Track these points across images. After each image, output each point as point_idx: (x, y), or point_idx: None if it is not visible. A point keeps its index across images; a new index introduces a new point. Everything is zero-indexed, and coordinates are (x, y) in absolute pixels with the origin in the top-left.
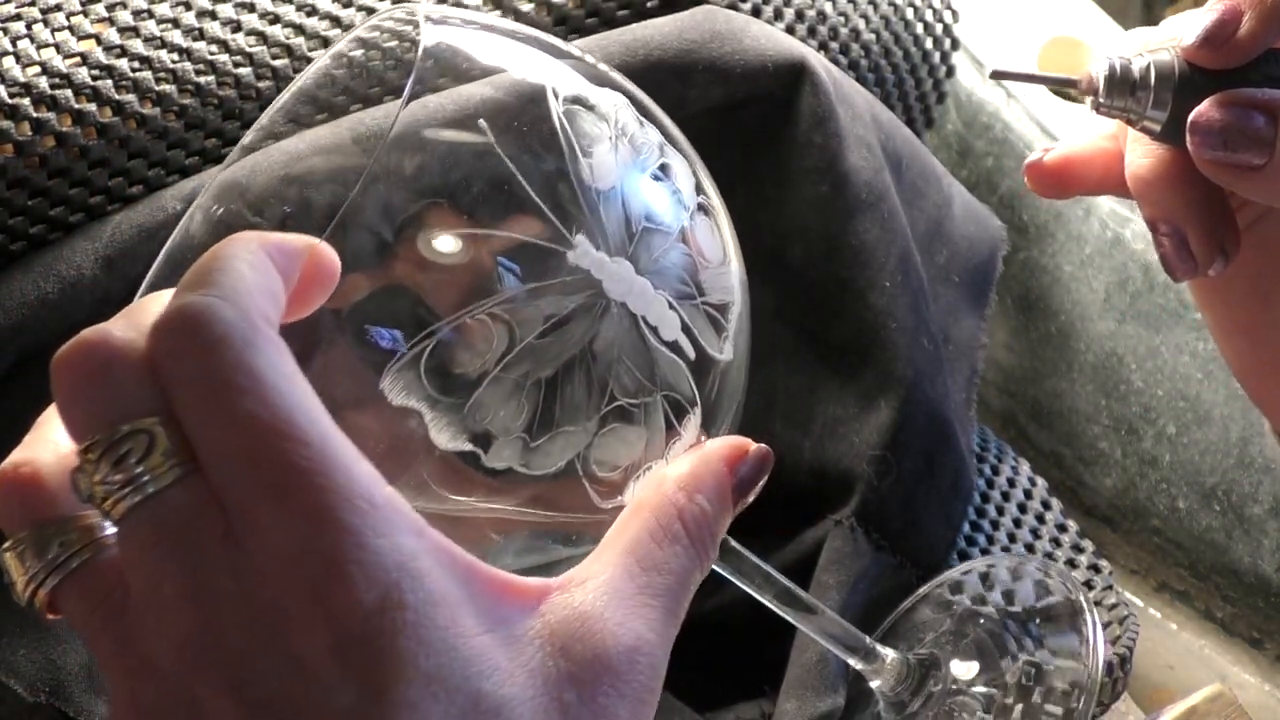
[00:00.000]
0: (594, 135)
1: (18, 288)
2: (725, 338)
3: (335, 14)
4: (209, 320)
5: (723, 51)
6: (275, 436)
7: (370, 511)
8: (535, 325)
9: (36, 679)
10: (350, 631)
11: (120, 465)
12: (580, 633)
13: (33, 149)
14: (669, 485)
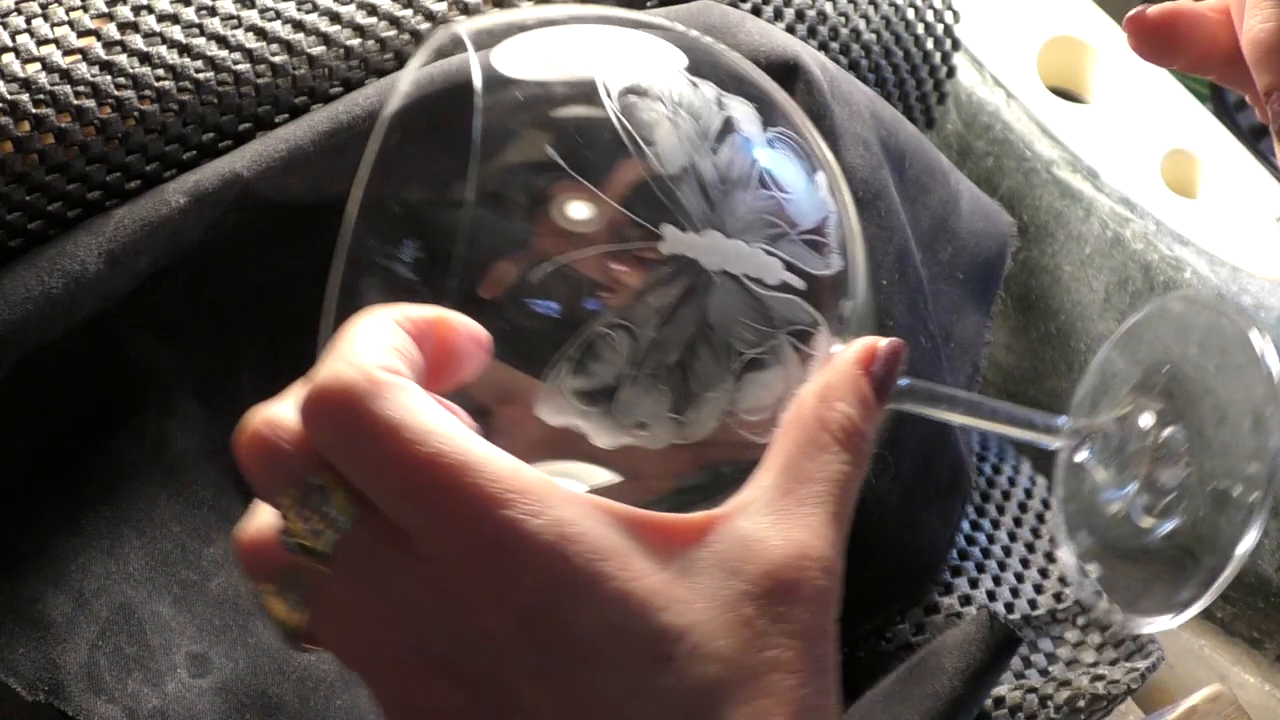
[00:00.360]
0: (652, 121)
1: (21, 282)
2: (828, 251)
3: (334, 10)
4: (335, 387)
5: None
6: (417, 463)
7: (519, 498)
8: (650, 321)
9: (35, 678)
10: (528, 604)
11: (310, 517)
12: (746, 554)
13: (32, 145)
14: (808, 401)
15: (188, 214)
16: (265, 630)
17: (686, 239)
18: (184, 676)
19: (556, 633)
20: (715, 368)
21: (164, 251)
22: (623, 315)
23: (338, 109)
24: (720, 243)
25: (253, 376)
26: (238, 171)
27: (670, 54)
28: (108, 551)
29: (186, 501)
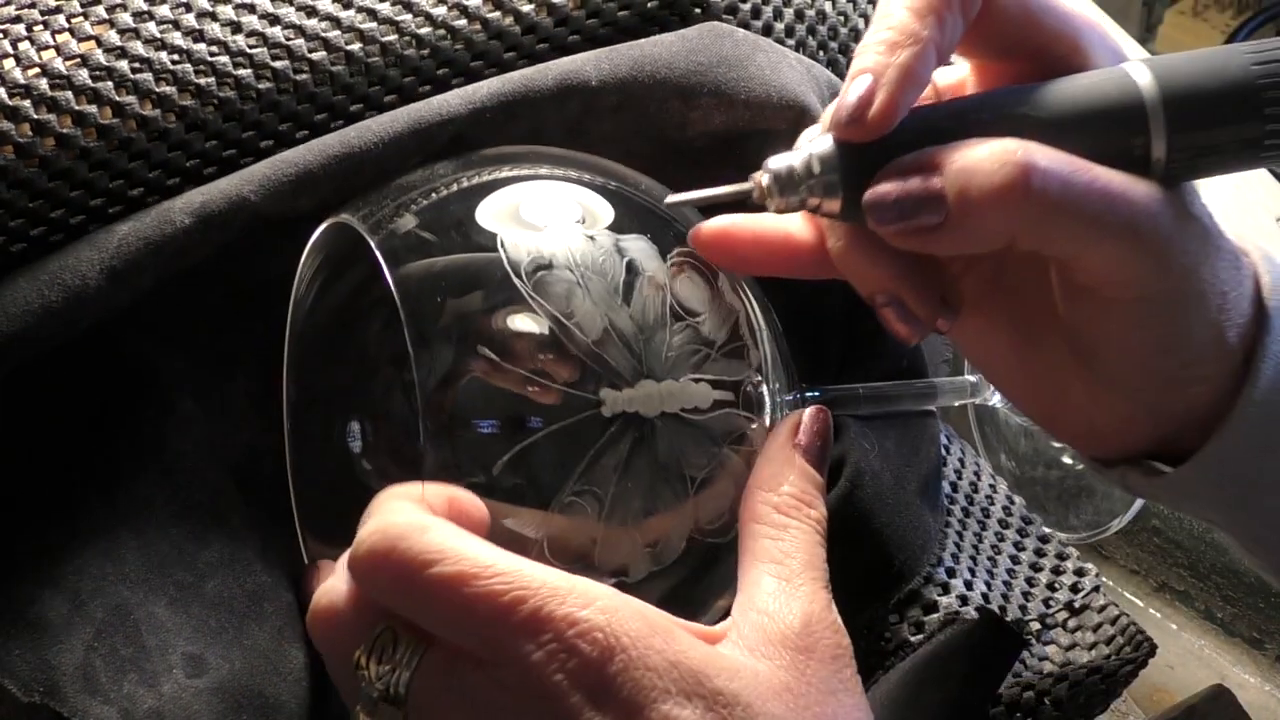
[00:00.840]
0: (565, 292)
1: (22, 295)
2: (746, 350)
3: (335, 15)
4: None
5: (729, 77)
6: (473, 583)
7: (570, 595)
8: (609, 479)
9: (31, 678)
10: (593, 684)
11: (383, 660)
12: (765, 636)
13: (33, 151)
14: (757, 496)
15: (193, 235)
16: (261, 631)
17: (624, 397)
18: (180, 677)
19: (623, 702)
20: (674, 499)
21: (166, 270)
22: (584, 482)
23: (349, 134)
24: (654, 389)
25: (249, 379)
26: (245, 195)
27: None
28: (104, 553)
29: (183, 503)
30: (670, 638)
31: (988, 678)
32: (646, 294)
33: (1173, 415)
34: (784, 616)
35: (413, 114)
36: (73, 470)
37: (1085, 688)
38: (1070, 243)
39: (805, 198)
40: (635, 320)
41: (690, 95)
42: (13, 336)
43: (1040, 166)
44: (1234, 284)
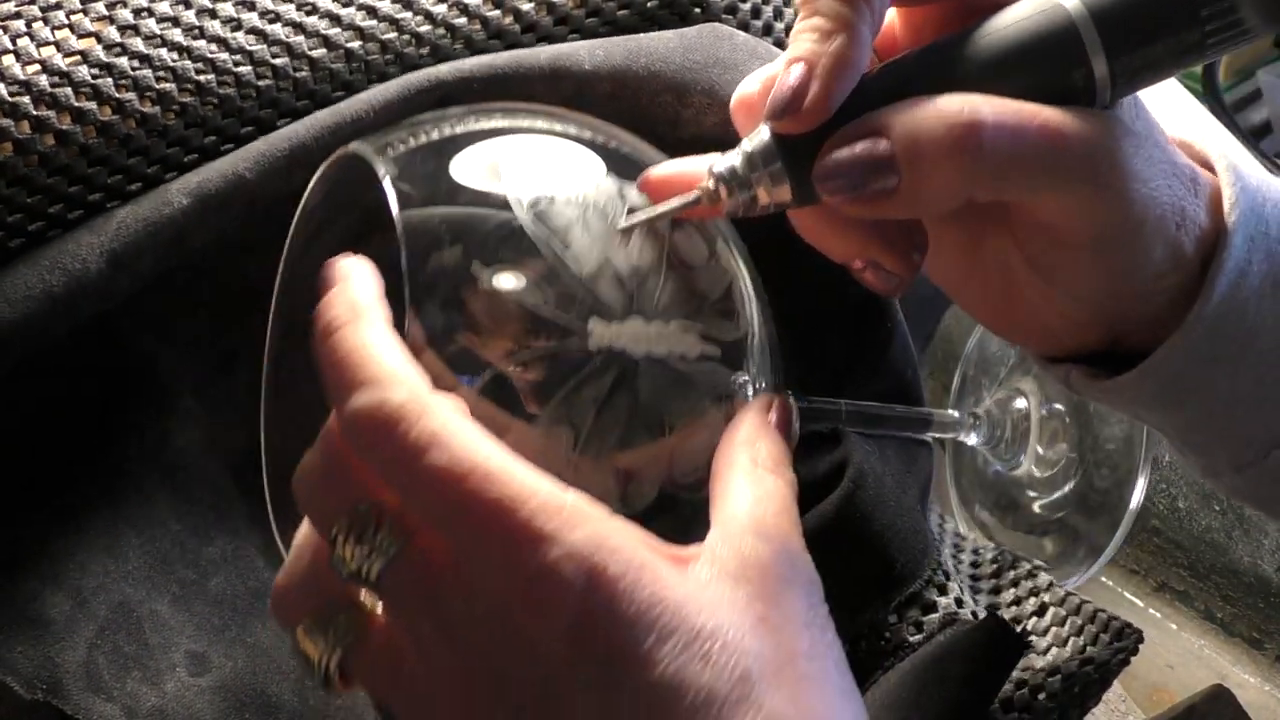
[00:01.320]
0: (565, 226)
1: (23, 281)
2: (736, 315)
3: (335, 12)
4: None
5: (723, 79)
6: (468, 479)
7: (559, 514)
8: (588, 412)
9: (34, 676)
10: (573, 616)
11: (361, 539)
12: (743, 565)
13: (33, 147)
14: (738, 449)
15: (190, 215)
16: (264, 629)
17: (611, 331)
18: (183, 675)
19: (603, 640)
20: (651, 445)
21: (167, 253)
22: (562, 411)
23: (339, 105)
24: (642, 329)
25: (250, 376)
26: (240, 173)
27: (571, 151)
28: (106, 550)
29: (185, 500)
30: (655, 571)
31: (988, 680)
32: (645, 238)
33: (1127, 319)
34: (761, 547)
35: (402, 82)
36: (75, 467)
37: (1079, 678)
38: (1027, 191)
39: (755, 193)
40: (631, 260)
41: (684, 92)
42: (15, 323)
43: (988, 122)
44: (1189, 196)
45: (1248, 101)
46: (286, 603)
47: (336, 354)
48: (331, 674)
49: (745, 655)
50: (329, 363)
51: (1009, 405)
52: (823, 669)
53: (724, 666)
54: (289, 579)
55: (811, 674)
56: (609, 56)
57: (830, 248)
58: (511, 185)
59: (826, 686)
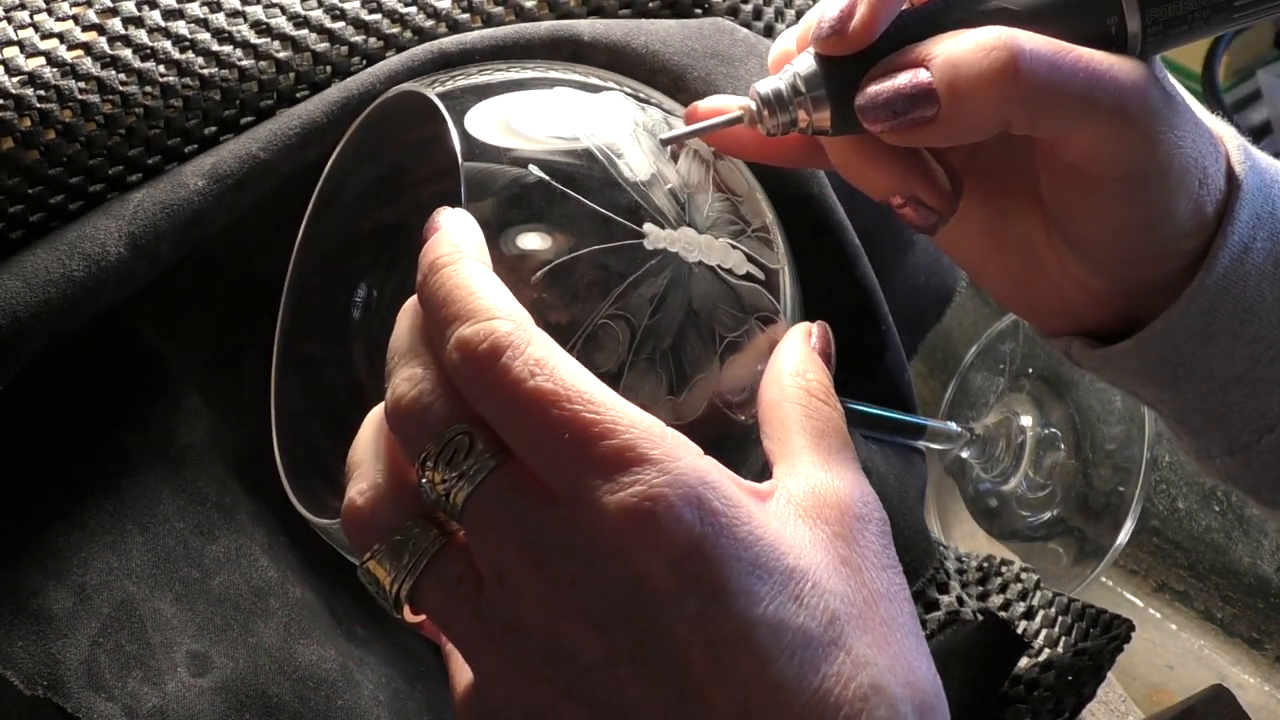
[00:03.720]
0: (618, 140)
1: (43, 265)
2: (776, 249)
3: (339, 6)
4: (494, 335)
5: (719, 72)
6: (570, 403)
7: (663, 442)
8: (644, 309)
9: (34, 672)
10: (680, 546)
11: (451, 464)
12: (821, 502)
13: (36, 139)
14: (787, 379)
15: (207, 197)
16: (267, 628)
17: (666, 234)
18: (184, 675)
19: (706, 574)
20: (703, 351)
21: (185, 237)
22: (620, 306)
23: (347, 80)
24: (694, 236)
25: (255, 373)
26: (254, 153)
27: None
28: (110, 546)
29: (190, 497)
30: (749, 508)
31: (989, 680)
32: (692, 161)
33: (1144, 291)
34: (835, 483)
35: (406, 55)
36: (80, 463)
37: (1074, 668)
38: (1060, 121)
39: (795, 116)
40: (681, 176)
41: (680, 76)
42: (37, 307)
43: (1026, 50)
44: (1212, 159)
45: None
46: (357, 522)
47: (442, 289)
48: (402, 599)
49: (833, 597)
50: (433, 298)
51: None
52: (901, 611)
53: (815, 608)
54: (364, 498)
55: (892, 617)
56: (609, 31)
57: (871, 184)
58: (565, 114)
59: (906, 630)
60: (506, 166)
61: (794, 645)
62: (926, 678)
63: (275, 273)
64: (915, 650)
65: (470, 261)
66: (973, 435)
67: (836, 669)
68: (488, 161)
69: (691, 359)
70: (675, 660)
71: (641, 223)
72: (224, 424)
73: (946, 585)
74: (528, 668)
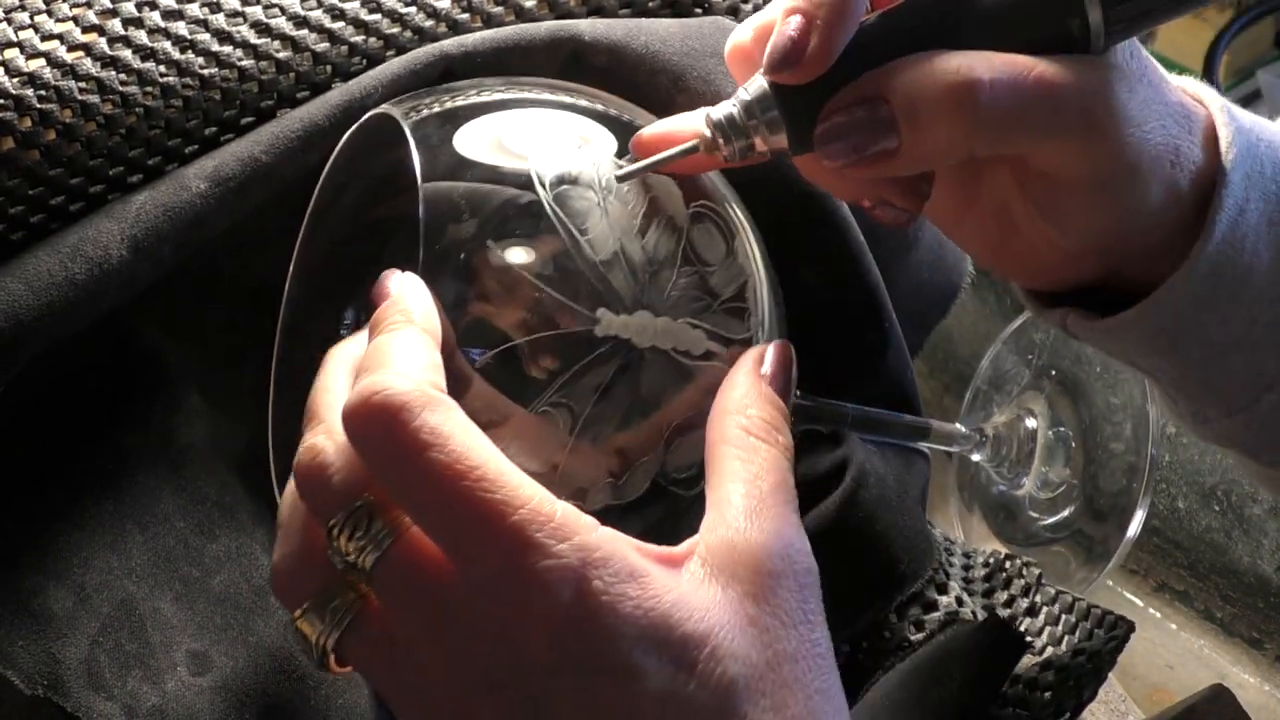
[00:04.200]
0: (584, 210)
1: (45, 267)
2: (749, 316)
3: (339, 6)
4: (387, 400)
5: (718, 70)
6: (462, 480)
7: (549, 523)
8: (588, 397)
9: (34, 671)
10: (559, 625)
11: (353, 536)
12: (736, 559)
13: (36, 140)
14: (725, 419)
15: (209, 199)
16: (267, 627)
17: (619, 321)
18: (184, 675)
19: (587, 649)
20: (648, 436)
21: (187, 240)
22: (563, 395)
23: (348, 84)
24: (650, 322)
25: (256, 373)
26: (256, 156)
27: (597, 133)
28: (110, 546)
29: (190, 497)
30: (644, 580)
31: (989, 681)
32: (662, 231)
33: (1126, 253)
34: (754, 537)
35: (408, 58)
36: (81, 463)
37: (1072, 669)
38: (1026, 143)
39: (751, 140)
40: (646, 252)
41: (680, 76)
42: (39, 309)
43: (985, 81)
44: (1183, 133)
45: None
46: (285, 584)
47: (370, 353)
48: (328, 655)
49: (733, 661)
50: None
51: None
52: (808, 670)
53: (709, 675)
54: (288, 561)
55: (796, 677)
56: (609, 30)
57: (838, 190)
58: (535, 162)
59: (811, 689)
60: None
61: (680, 716)
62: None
63: (276, 273)
64: (823, 712)
65: (409, 329)
66: (981, 437)
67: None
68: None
69: (635, 445)
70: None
71: (596, 308)
72: (224, 423)
73: (946, 586)
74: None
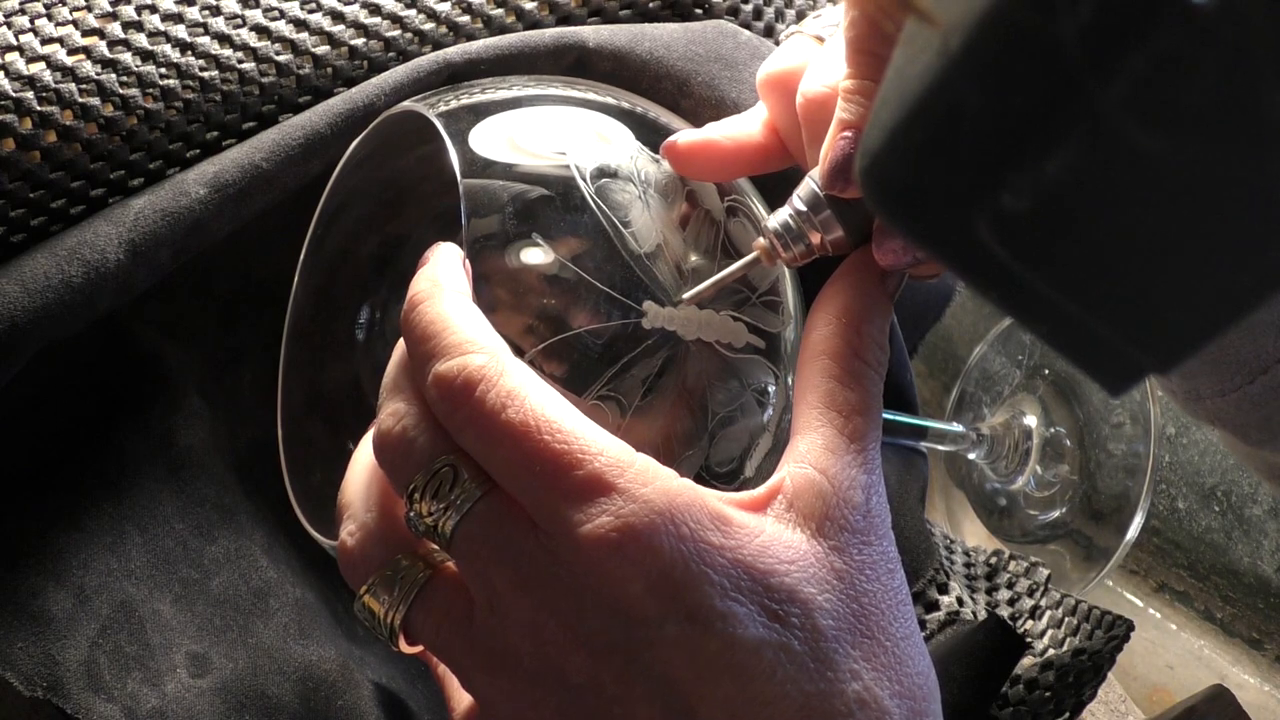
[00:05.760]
0: (626, 203)
1: (41, 270)
2: (782, 309)
3: (339, 9)
4: (468, 368)
5: (722, 75)
6: (540, 434)
7: (630, 469)
8: (637, 390)
9: (34, 673)
10: (653, 572)
11: (438, 495)
12: (824, 512)
13: (36, 142)
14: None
15: (208, 205)
16: (266, 629)
17: (666, 314)
18: (184, 676)
19: (682, 598)
20: (693, 427)
21: (185, 245)
22: (612, 388)
23: (351, 92)
24: (695, 314)
25: (255, 375)
26: (257, 163)
27: (616, 129)
28: (109, 547)
29: (189, 498)
30: (727, 527)
31: (989, 681)
32: (702, 225)
33: None
34: (844, 487)
35: (411, 66)
36: (80, 464)
37: (1072, 668)
38: None
39: (809, 244)
40: (688, 245)
41: (684, 81)
42: (35, 313)
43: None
44: None
45: None
46: (352, 560)
47: (419, 325)
48: (396, 629)
49: (821, 613)
50: (412, 334)
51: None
52: (894, 619)
53: (798, 626)
54: (355, 538)
55: (884, 627)
56: (613, 37)
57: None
58: (574, 155)
59: (899, 637)
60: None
61: (774, 664)
62: (919, 685)
63: (276, 275)
64: (909, 657)
65: (448, 294)
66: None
67: (820, 686)
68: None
69: (681, 436)
70: (660, 679)
71: (642, 300)
72: (224, 425)
73: (946, 586)
74: (521, 690)
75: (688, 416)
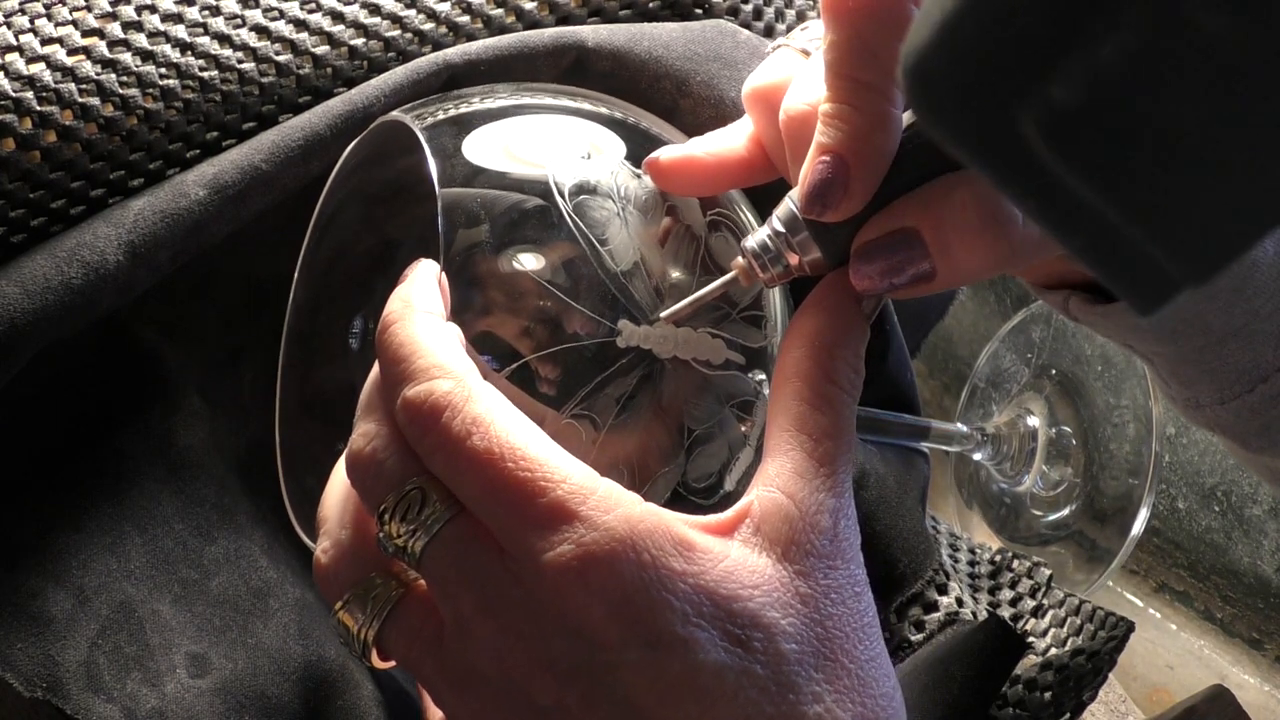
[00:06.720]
0: (604, 220)
1: (41, 271)
2: (766, 323)
3: (338, 9)
4: (434, 394)
5: (721, 75)
6: (505, 461)
7: (593, 496)
8: (610, 409)
9: (33, 674)
10: (615, 598)
11: (406, 518)
12: (791, 537)
13: (36, 143)
14: (812, 350)
15: (208, 206)
16: (266, 629)
17: (640, 332)
18: (183, 677)
19: (643, 623)
20: (668, 445)
21: (185, 246)
22: (585, 407)
23: (350, 93)
24: (671, 333)
25: (255, 375)
26: (256, 165)
27: (606, 139)
28: (109, 548)
29: (189, 499)
30: (690, 552)
31: (990, 681)
32: (681, 240)
33: None
34: (811, 511)
35: (410, 67)
36: (79, 465)
37: (1073, 669)
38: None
39: (787, 265)
40: (666, 262)
41: (683, 81)
42: (34, 314)
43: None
44: None
45: None
46: (327, 575)
47: (390, 349)
48: (369, 645)
49: (784, 638)
50: (383, 355)
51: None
52: (859, 643)
53: (761, 651)
54: (331, 554)
55: (848, 650)
56: (612, 36)
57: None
58: (553, 171)
59: (863, 659)
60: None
61: (736, 688)
62: (883, 706)
63: (275, 275)
64: (873, 679)
65: (419, 316)
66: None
67: (782, 709)
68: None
69: (657, 454)
70: (624, 702)
71: (617, 319)
72: (223, 425)
73: (946, 586)
74: (488, 710)
75: (663, 434)
